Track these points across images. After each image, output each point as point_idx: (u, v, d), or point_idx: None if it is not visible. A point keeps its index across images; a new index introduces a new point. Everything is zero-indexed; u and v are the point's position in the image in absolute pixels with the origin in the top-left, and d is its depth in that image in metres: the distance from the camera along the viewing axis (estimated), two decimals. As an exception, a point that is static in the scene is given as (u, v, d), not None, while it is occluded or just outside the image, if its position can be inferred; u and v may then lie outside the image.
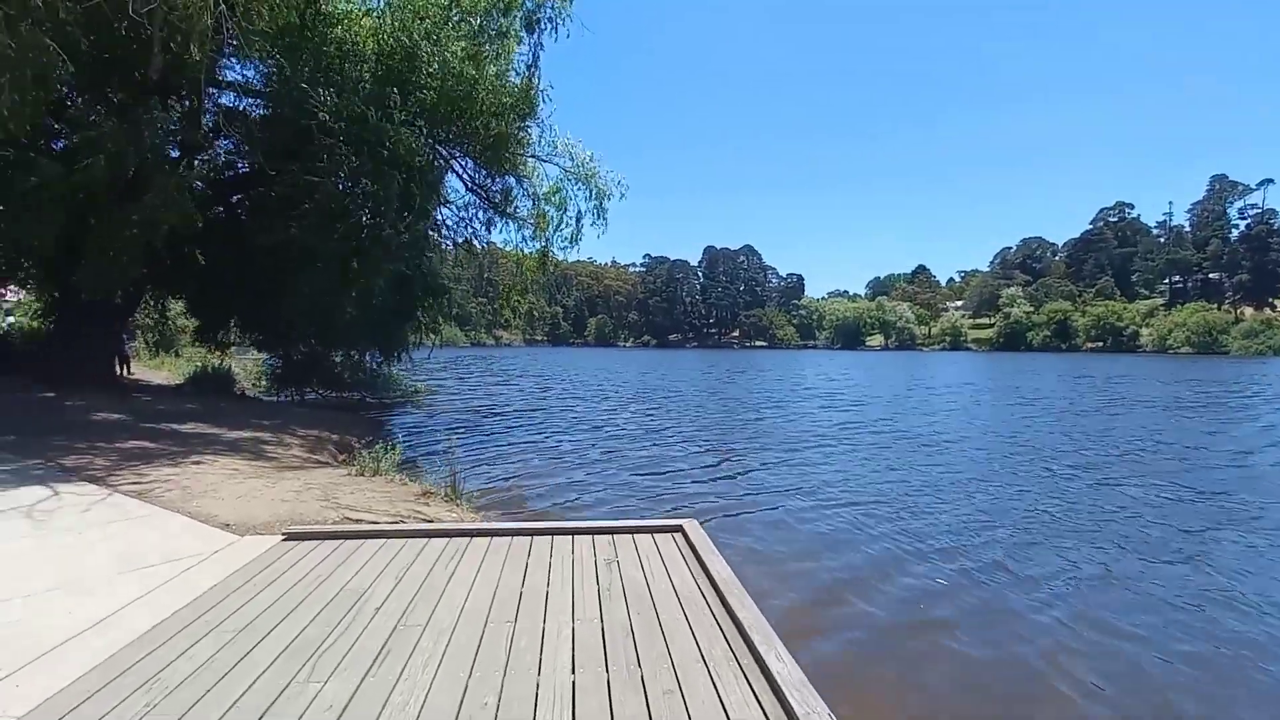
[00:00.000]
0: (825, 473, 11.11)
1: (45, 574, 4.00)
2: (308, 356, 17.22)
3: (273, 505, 5.87)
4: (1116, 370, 47.39)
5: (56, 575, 3.98)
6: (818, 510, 8.54)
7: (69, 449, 7.65)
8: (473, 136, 14.72)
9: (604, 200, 16.64)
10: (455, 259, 18.83)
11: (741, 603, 3.65)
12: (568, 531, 5.08)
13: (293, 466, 7.92)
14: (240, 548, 4.68)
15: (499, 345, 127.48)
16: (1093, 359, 73.09)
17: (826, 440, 14.85)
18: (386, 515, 5.76)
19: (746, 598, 3.75)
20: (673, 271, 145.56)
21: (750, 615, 3.46)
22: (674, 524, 5.20)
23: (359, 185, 12.47)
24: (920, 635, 5.07)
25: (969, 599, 5.75)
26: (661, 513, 8.16)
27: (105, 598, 3.70)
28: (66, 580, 3.92)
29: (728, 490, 9.77)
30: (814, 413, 20.78)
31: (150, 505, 5.54)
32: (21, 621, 3.39)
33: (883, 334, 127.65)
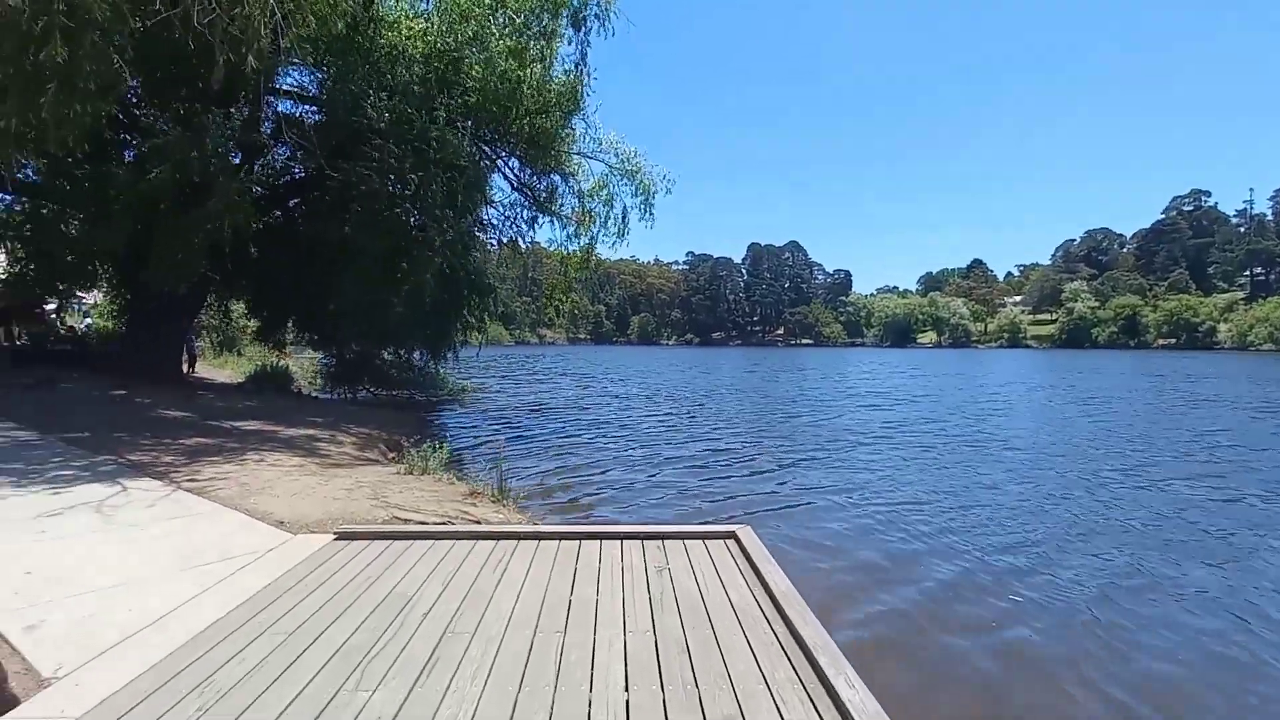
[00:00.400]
0: (875, 475, 10.69)
1: (112, 570, 4.08)
2: (359, 355, 17.66)
3: (325, 503, 5.93)
4: (1194, 368, 44.49)
5: (122, 571, 4.06)
6: (869, 514, 8.20)
7: (136, 445, 7.95)
8: (518, 135, 14.80)
9: (650, 195, 16.51)
10: (500, 258, 19.03)
11: (804, 619, 3.43)
12: (616, 536, 4.94)
13: (344, 464, 8.05)
14: (293, 546, 4.70)
15: (543, 344, 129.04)
16: (1165, 357, 68.91)
17: (876, 440, 14.35)
18: (434, 515, 5.74)
19: (809, 613, 3.52)
20: (716, 269, 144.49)
21: (815, 634, 3.24)
22: (727, 530, 4.99)
23: (406, 185, 12.68)
24: (997, 659, 4.72)
25: (1045, 619, 5.35)
26: (710, 516, 7.96)
27: (164, 595, 3.74)
28: (131, 577, 3.99)
29: (776, 492, 9.49)
30: (862, 412, 20.14)
31: (210, 502, 5.66)
32: (89, 618, 3.44)
33: (935, 331, 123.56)
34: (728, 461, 11.87)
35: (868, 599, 5.67)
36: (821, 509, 8.51)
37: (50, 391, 11.92)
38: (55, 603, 3.58)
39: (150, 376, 13.04)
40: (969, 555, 6.79)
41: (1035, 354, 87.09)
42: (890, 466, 11.48)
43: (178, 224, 10.42)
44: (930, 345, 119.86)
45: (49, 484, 5.88)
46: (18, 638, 3.18)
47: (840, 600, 5.57)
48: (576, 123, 15.94)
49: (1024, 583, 6.06)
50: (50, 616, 3.42)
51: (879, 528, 7.71)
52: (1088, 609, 5.50)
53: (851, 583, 6.03)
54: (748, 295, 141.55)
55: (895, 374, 40.51)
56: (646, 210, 16.77)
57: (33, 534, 4.58)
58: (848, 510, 8.46)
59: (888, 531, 7.58)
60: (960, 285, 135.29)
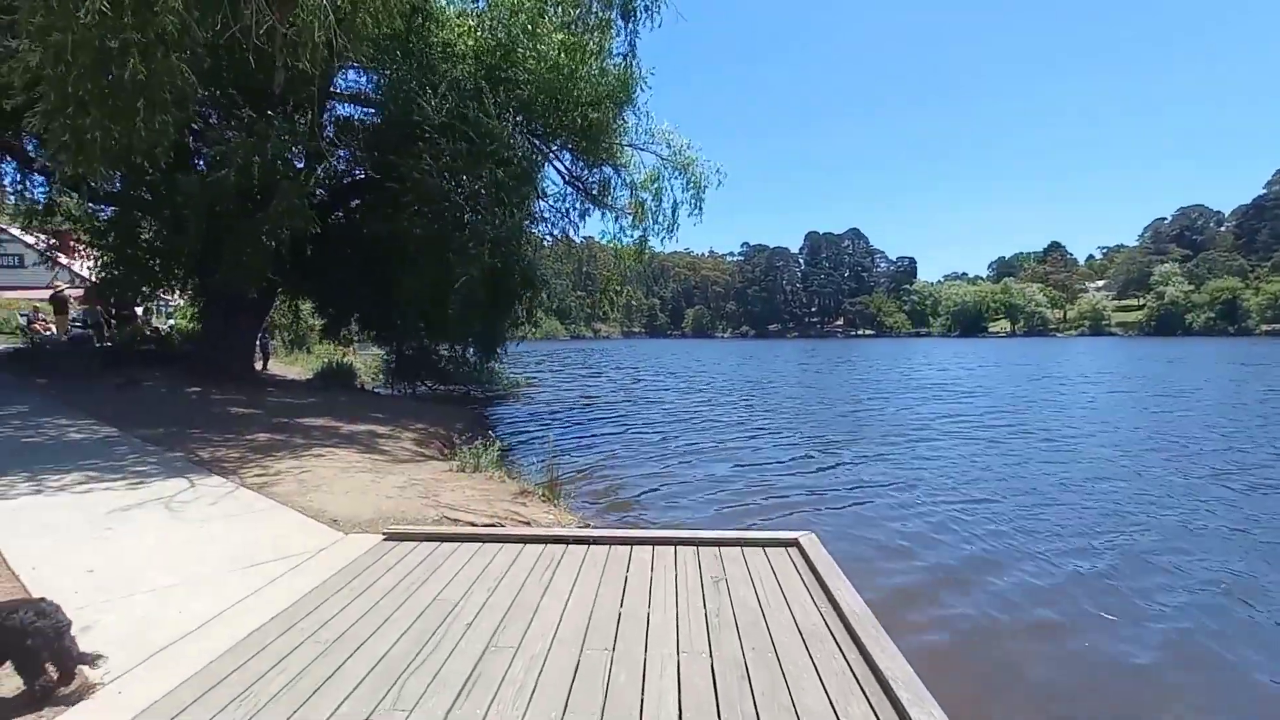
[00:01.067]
0: (942, 472, 10.02)
1: (170, 569, 4.11)
2: (417, 351, 18.04)
3: (377, 502, 5.91)
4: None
5: (179, 571, 4.09)
6: (936, 515, 7.64)
7: (207, 441, 8.23)
8: (570, 127, 14.67)
9: (701, 189, 16.12)
10: (553, 253, 19.05)
11: (880, 646, 3.07)
12: (669, 541, 4.66)
13: (398, 461, 8.09)
14: (343, 547, 4.65)
15: (598, 338, 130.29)
16: (1271, 344, 62.97)
17: (944, 435, 13.52)
18: (484, 516, 5.63)
19: (885, 639, 3.16)
20: (772, 259, 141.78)
21: (894, 665, 2.87)
22: (788, 537, 4.63)
23: (459, 181, 12.75)
24: (1080, 678, 4.20)
25: (1134, 633, 4.75)
26: (768, 517, 7.58)
27: (215, 597, 3.72)
28: (185, 577, 4.00)
29: (837, 490, 9.02)
30: (928, 404, 19.12)
31: (268, 499, 5.72)
32: (142, 619, 3.44)
33: (1009, 319, 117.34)
34: (786, 458, 11.41)
35: (939, 610, 5.21)
36: (886, 509, 7.99)
37: (135, 390, 12.62)
38: (111, 603, 3.60)
39: (223, 374, 13.64)
40: (1045, 560, 6.20)
41: (1120, 342, 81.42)
42: (959, 463, 10.76)
43: (243, 228, 10.77)
44: (1003, 334, 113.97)
45: (124, 480, 6.09)
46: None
47: (909, 611, 5.13)
48: (628, 114, 15.72)
49: (1107, 591, 5.45)
50: (104, 618, 3.43)
51: (947, 530, 7.15)
52: (1180, 620, 4.87)
53: (920, 593, 5.56)
54: (805, 286, 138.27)
55: (964, 365, 38.53)
56: (696, 205, 16.40)
57: (100, 531, 4.70)
58: (914, 510, 7.91)
59: (957, 534, 7.02)
60: (1036, 270, 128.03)
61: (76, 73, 7.14)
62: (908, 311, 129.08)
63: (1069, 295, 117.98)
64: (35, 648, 2.73)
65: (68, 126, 7.59)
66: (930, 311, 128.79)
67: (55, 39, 6.89)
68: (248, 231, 10.83)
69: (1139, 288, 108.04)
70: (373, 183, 15.03)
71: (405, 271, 13.61)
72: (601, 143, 15.27)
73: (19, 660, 2.77)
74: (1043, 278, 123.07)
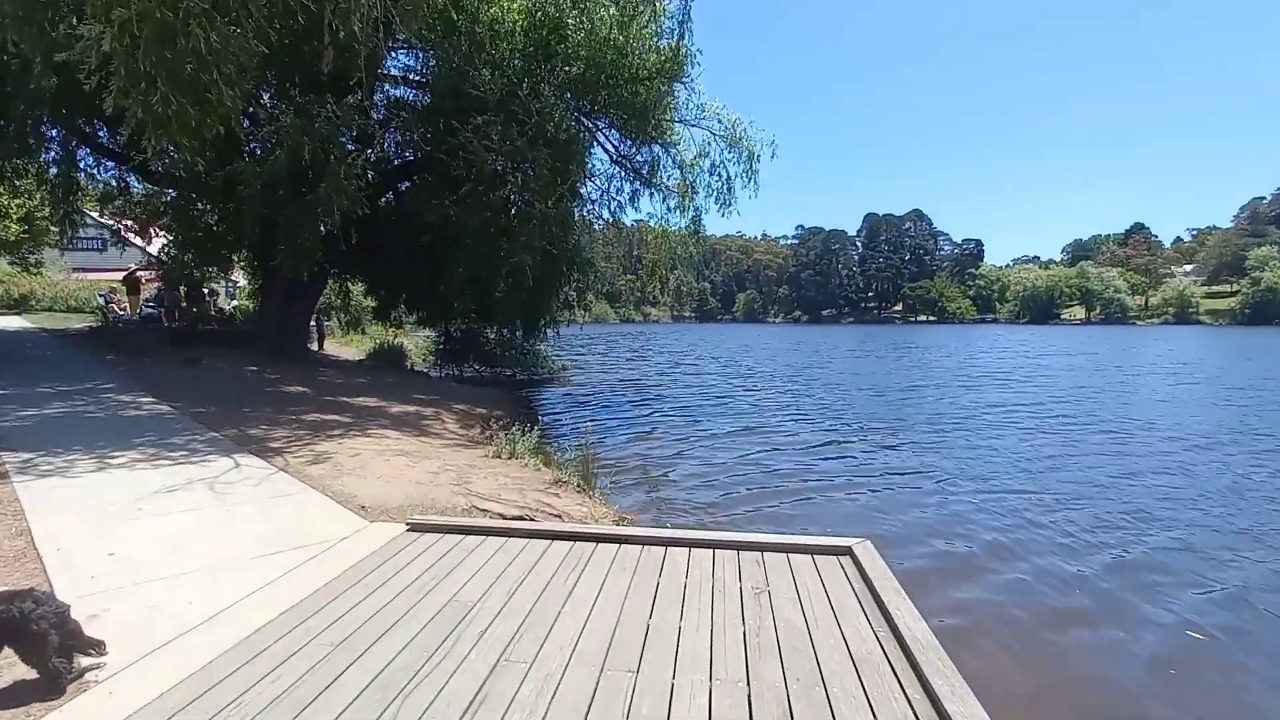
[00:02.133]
0: (1016, 473, 9.20)
1: (190, 555, 4.01)
2: (465, 334, 18.14)
3: (408, 488, 5.75)
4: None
5: (198, 558, 3.97)
6: (1012, 525, 6.90)
7: (255, 420, 8.33)
8: (619, 104, 14.24)
9: (754, 161, 15.46)
10: (604, 236, 18.77)
11: (947, 681, 2.61)
12: (708, 544, 4.28)
13: (437, 444, 7.97)
14: (366, 535, 4.47)
15: (647, 322, 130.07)
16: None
17: (1014, 431, 12.53)
18: (515, 506, 5.37)
19: (953, 673, 2.70)
20: (828, 242, 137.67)
21: (964, 709, 2.41)
22: (840, 544, 4.17)
23: (507, 160, 12.52)
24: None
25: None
26: (817, 518, 7.03)
27: (228, 587, 3.57)
28: (203, 564, 3.88)
29: (894, 492, 8.35)
30: (996, 395, 17.92)
31: (301, 483, 5.63)
32: (152, 610, 3.31)
33: (1084, 305, 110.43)
34: (839, 452, 10.80)
35: (1016, 639, 4.63)
36: (949, 513, 7.34)
37: (197, 368, 13.06)
38: (125, 590, 3.49)
39: (279, 354, 13.99)
40: (1146, 579, 5.49)
41: (1210, 331, 75.50)
42: (1033, 461, 9.90)
43: (296, 210, 10.85)
44: (1077, 321, 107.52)
45: (167, 459, 6.12)
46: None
47: (980, 637, 4.57)
48: (679, 90, 15.17)
49: (1195, 600, 4.74)
50: (115, 606, 3.32)
51: (1024, 539, 6.47)
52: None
53: (992, 615, 4.97)
54: (862, 269, 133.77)
55: (1035, 354, 36.31)
56: (750, 178, 15.75)
57: (132, 512, 4.66)
58: (982, 515, 7.22)
59: (1037, 543, 6.34)
60: (1116, 253, 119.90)
61: (143, 47, 7.18)
62: (972, 297, 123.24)
63: (1152, 280, 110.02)
64: (41, 632, 2.61)
65: (140, 103, 7.69)
66: (997, 297, 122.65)
67: (119, 13, 6.93)
68: (300, 214, 10.93)
69: (1232, 272, 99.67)
70: (422, 165, 15.04)
71: (453, 254, 13.56)
72: (651, 120, 14.79)
73: (26, 647, 2.66)
74: (1123, 261, 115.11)
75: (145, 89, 7.64)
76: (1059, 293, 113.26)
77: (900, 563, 5.08)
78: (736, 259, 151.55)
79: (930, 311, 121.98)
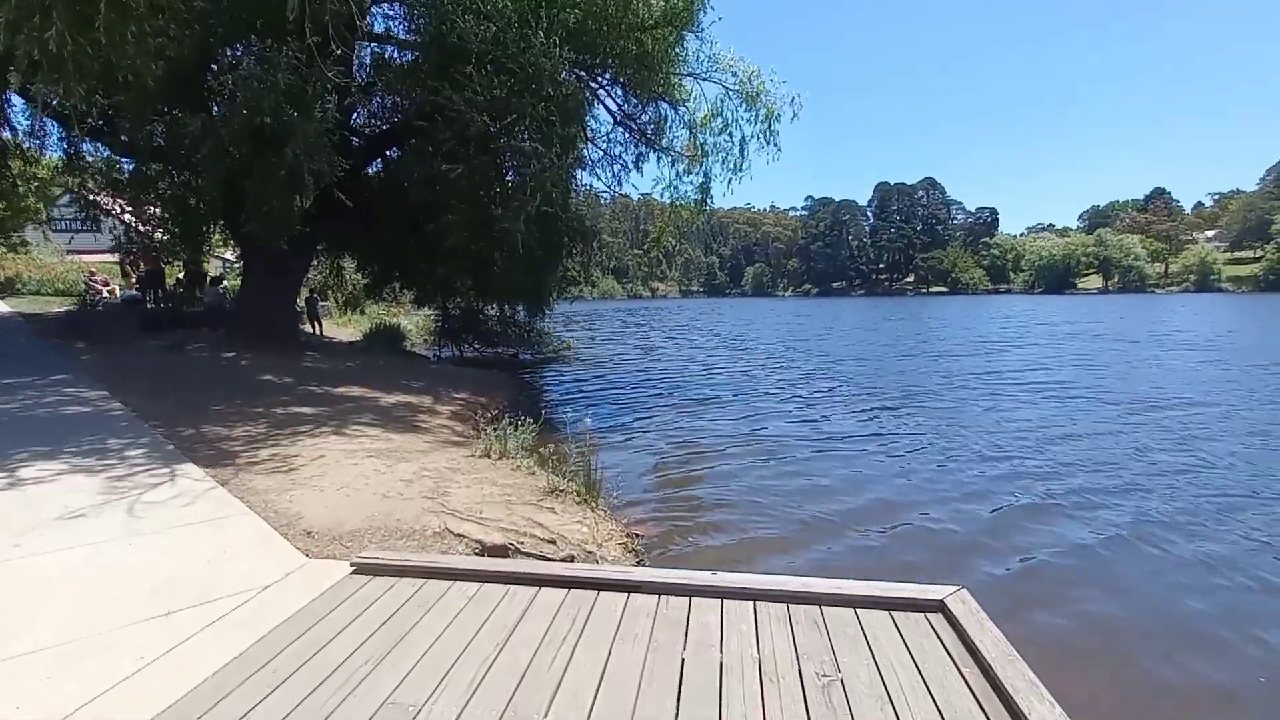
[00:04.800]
0: (1107, 473, 7.69)
1: (58, 616, 3.03)
2: (464, 312, 17.09)
3: (371, 502, 4.74)
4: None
5: (65, 622, 2.99)
6: (1145, 569, 5.26)
7: (220, 417, 7.34)
8: (622, 56, 12.87)
9: (773, 121, 14.01)
10: (611, 210, 17.56)
11: None
12: (746, 594, 3.22)
13: (419, 442, 6.96)
14: (297, 582, 3.46)
15: (655, 297, 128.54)
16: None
17: (1076, 419, 11.14)
18: (498, 528, 4.34)
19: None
20: (838, 213, 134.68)
21: None
22: (928, 597, 3.10)
23: (498, 118, 11.30)
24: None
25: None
26: (886, 550, 5.48)
27: (88, 675, 2.58)
28: (66, 634, 2.89)
29: (967, 499, 6.69)
30: (1061, 376, 16.14)
31: (240, 502, 4.61)
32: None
33: (1101, 274, 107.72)
34: (888, 451, 9.01)
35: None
36: (1065, 547, 5.54)
37: (176, 355, 12.08)
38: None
39: (265, 336, 12.97)
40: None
41: (1234, 299, 73.06)
42: (1130, 460, 8.54)
43: (261, 173, 9.73)
44: (1094, 291, 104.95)
45: (95, 471, 5.10)
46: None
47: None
48: (688, 40, 13.73)
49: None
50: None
51: (1168, 587, 4.90)
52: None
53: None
54: (873, 240, 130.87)
55: (1068, 326, 34.78)
56: (769, 139, 14.28)
57: (5, 550, 3.67)
58: (1108, 553, 5.47)
59: (1188, 590, 4.82)
60: (1135, 220, 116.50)
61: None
62: (986, 266, 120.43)
63: (1173, 247, 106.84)
64: None
65: (34, 40, 6.55)
66: (1011, 267, 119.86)
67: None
68: (266, 178, 9.79)
69: (1257, 238, 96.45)
70: (410, 130, 13.81)
71: (445, 224, 12.40)
72: (657, 74, 13.41)
73: None
74: (1143, 228, 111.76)
75: (40, 23, 6.49)
76: (1075, 261, 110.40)
77: (1013, 622, 3.71)
78: (745, 232, 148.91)
79: (943, 282, 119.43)
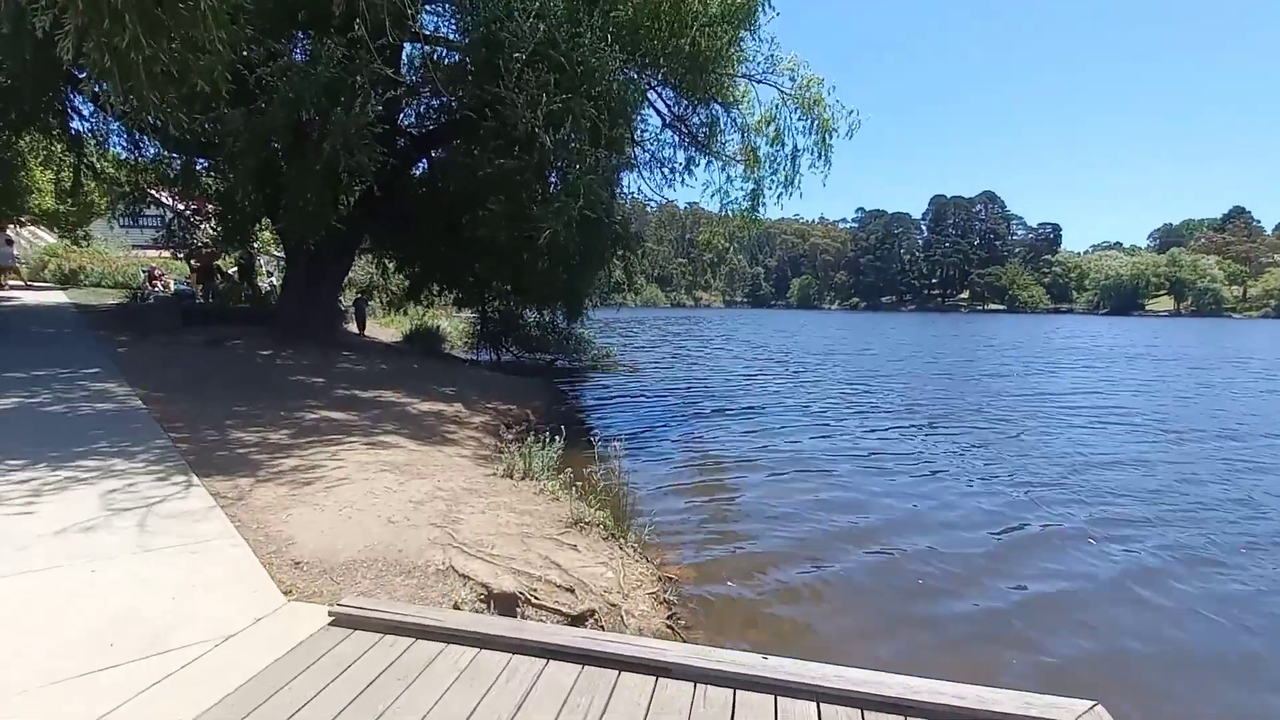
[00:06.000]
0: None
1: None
2: (502, 315, 16.79)
3: (374, 527, 4.22)
4: None
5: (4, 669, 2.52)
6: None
7: (242, 419, 7.03)
8: (674, 55, 12.32)
9: (828, 134, 13.21)
10: (657, 219, 17.07)
11: None
12: (809, 691, 2.51)
13: (440, 455, 6.45)
14: (266, 630, 2.93)
15: (698, 306, 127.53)
16: None
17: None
18: (509, 569, 3.75)
19: None
20: (890, 226, 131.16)
21: None
22: (1048, 717, 2.34)
23: (544, 118, 10.88)
24: None
25: None
26: (985, 635, 4.41)
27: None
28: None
29: (1109, 580, 5.30)
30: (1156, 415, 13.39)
31: (230, 523, 4.15)
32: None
33: (1173, 296, 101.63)
34: (969, 492, 7.60)
35: None
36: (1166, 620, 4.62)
37: (216, 351, 12.02)
38: None
39: (304, 335, 12.86)
40: None
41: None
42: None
43: (298, 167, 9.53)
44: (1165, 313, 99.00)
45: (85, 479, 4.66)
46: None
47: None
48: (745, 39, 13.09)
49: None
50: None
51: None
52: None
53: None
54: (926, 254, 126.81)
55: (1141, 343, 32.45)
56: (821, 153, 13.51)
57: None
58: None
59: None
60: (1212, 239, 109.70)
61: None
62: (1047, 284, 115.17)
63: (1253, 269, 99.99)
64: None
65: (105, 45, 6.35)
66: (1075, 286, 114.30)
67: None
68: (303, 173, 9.58)
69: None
70: (454, 128, 13.59)
71: (486, 224, 12.06)
72: (711, 75, 12.82)
73: None
74: (1220, 249, 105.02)
75: (109, 27, 6.19)
76: (1145, 281, 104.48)
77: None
78: (792, 243, 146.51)
79: (1000, 300, 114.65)
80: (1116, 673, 4.00)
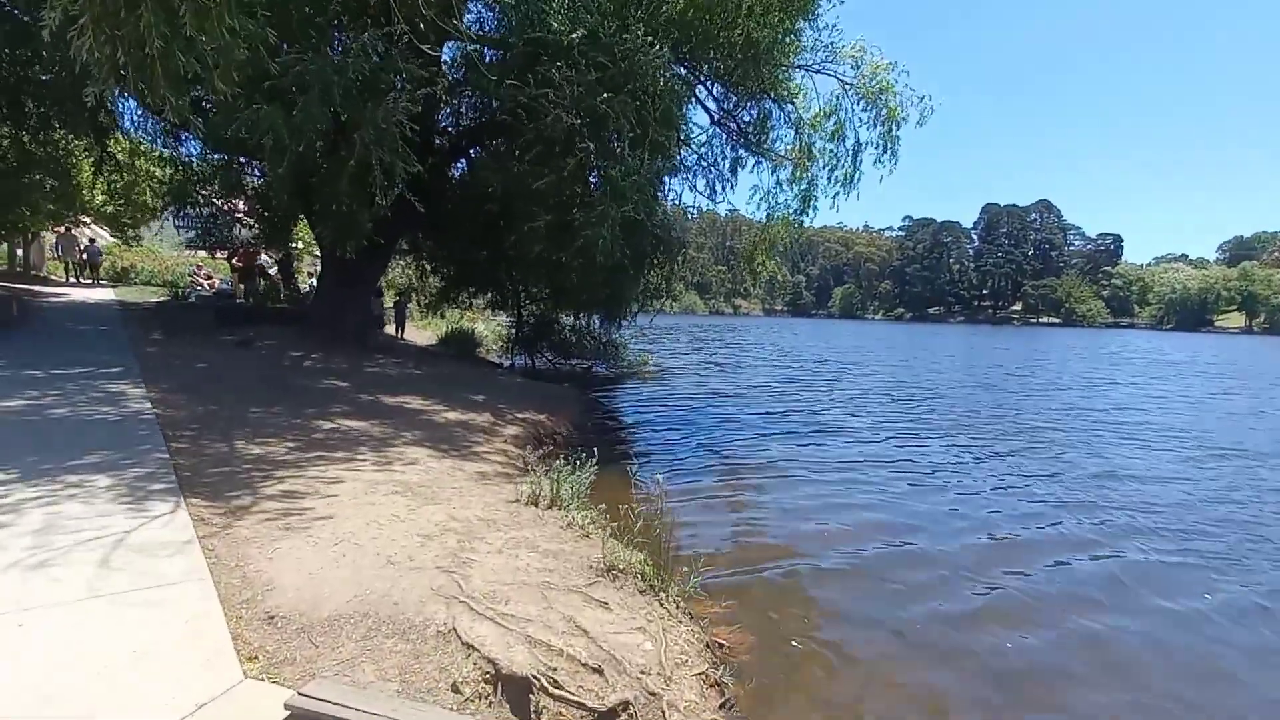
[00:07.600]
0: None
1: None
2: (538, 320, 16.26)
3: (371, 568, 3.57)
4: None
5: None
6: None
7: (256, 429, 6.56)
8: (724, 47, 11.55)
9: (895, 125, 12.15)
10: (698, 225, 16.30)
11: None
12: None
13: (460, 475, 5.81)
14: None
15: (738, 314, 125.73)
16: None
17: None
18: (523, 635, 3.03)
19: None
20: (938, 235, 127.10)
21: None
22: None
23: (587, 116, 10.24)
24: None
25: None
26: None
27: None
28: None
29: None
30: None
31: (205, 563, 3.54)
32: None
33: (1245, 312, 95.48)
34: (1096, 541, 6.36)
35: None
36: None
37: (245, 352, 11.75)
38: None
39: (334, 337, 12.53)
40: None
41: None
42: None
43: (331, 168, 9.12)
44: (1236, 330, 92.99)
45: (59, 502, 4.05)
46: None
47: None
48: (803, 29, 12.18)
49: None
50: None
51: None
52: None
53: None
54: (977, 264, 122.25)
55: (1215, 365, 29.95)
56: (887, 146, 12.44)
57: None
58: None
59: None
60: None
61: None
62: (1106, 298, 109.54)
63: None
64: None
65: (117, 39, 5.98)
66: (1136, 299, 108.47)
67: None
68: (336, 173, 9.17)
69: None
70: (492, 128, 13.13)
71: (524, 228, 11.51)
72: (763, 67, 11.96)
73: None
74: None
75: (123, 21, 5.72)
76: (1214, 296, 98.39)
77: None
78: (835, 251, 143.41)
79: (1055, 313, 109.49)
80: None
